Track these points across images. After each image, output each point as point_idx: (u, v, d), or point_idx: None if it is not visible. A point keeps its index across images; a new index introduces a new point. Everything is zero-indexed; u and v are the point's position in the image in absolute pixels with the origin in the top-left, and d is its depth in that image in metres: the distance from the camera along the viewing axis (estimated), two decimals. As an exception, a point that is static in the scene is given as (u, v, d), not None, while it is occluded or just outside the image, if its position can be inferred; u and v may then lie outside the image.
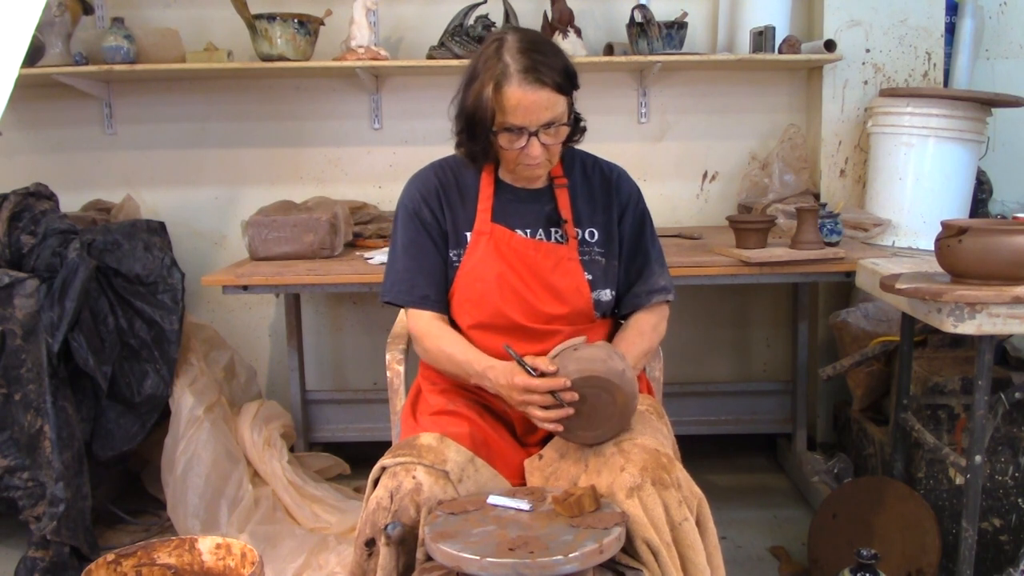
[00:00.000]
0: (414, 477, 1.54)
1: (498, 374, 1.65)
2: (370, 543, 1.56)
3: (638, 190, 1.89)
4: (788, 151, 3.21)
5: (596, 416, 1.59)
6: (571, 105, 1.72)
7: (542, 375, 1.57)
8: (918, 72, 3.16)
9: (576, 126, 1.78)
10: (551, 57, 1.67)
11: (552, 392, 1.56)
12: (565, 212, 1.80)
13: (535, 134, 1.67)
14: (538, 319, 1.75)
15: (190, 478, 2.67)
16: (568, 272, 1.76)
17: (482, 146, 1.72)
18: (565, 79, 1.68)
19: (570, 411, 1.57)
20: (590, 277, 1.78)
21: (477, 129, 1.69)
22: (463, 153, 1.79)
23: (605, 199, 1.84)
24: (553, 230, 1.80)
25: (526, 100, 1.63)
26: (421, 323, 1.79)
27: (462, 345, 1.75)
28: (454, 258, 1.79)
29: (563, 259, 1.77)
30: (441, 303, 1.79)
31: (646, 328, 1.84)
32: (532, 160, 1.70)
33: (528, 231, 1.79)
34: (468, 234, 1.79)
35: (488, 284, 1.74)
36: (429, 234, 1.79)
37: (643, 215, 1.88)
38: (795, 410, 3.26)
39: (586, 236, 1.82)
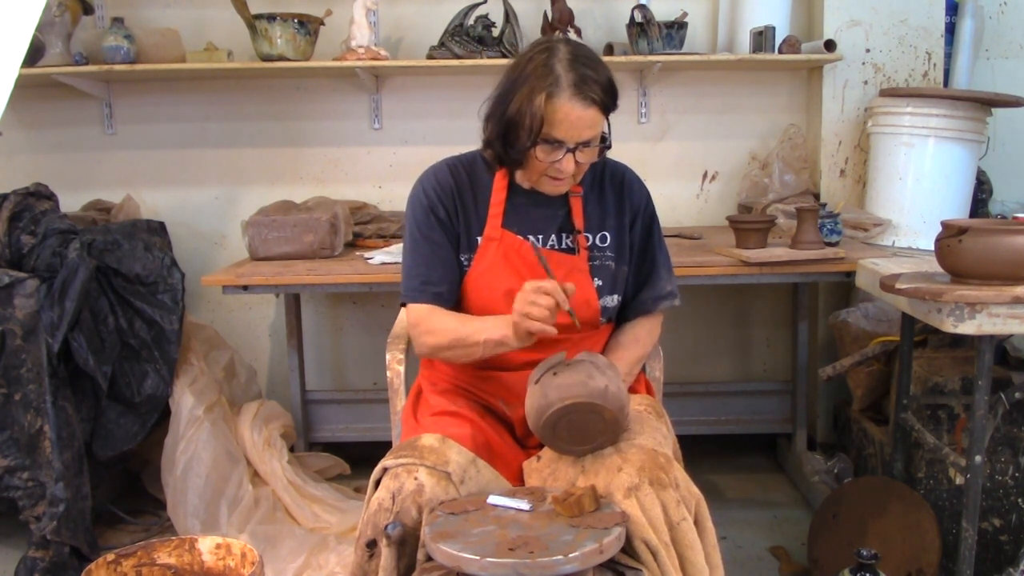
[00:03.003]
0: (416, 478, 1.54)
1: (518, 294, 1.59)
2: (371, 544, 1.56)
3: (648, 193, 1.88)
4: (788, 151, 3.21)
5: (587, 433, 1.57)
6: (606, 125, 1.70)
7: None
8: (918, 72, 3.16)
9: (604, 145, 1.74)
10: (599, 72, 1.64)
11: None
12: (578, 221, 1.78)
13: (572, 150, 1.65)
14: None
15: (190, 478, 2.67)
16: (578, 283, 1.74)
17: (517, 154, 1.68)
18: (609, 98, 1.65)
19: (554, 331, 1.55)
20: (599, 283, 1.78)
21: (518, 137, 1.65)
22: (490, 156, 1.76)
23: (617, 203, 1.83)
24: (564, 235, 1.79)
25: (573, 115, 1.61)
26: (420, 312, 1.74)
27: (463, 317, 1.73)
28: (465, 262, 1.77)
29: (574, 270, 1.76)
30: (452, 302, 1.77)
31: (641, 334, 1.84)
32: (561, 175, 1.68)
33: (539, 237, 1.78)
34: (479, 238, 1.77)
35: (495, 293, 1.73)
36: (444, 232, 1.77)
37: (652, 219, 1.87)
38: (795, 410, 3.26)
39: (597, 241, 1.80)
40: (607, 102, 1.64)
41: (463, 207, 1.78)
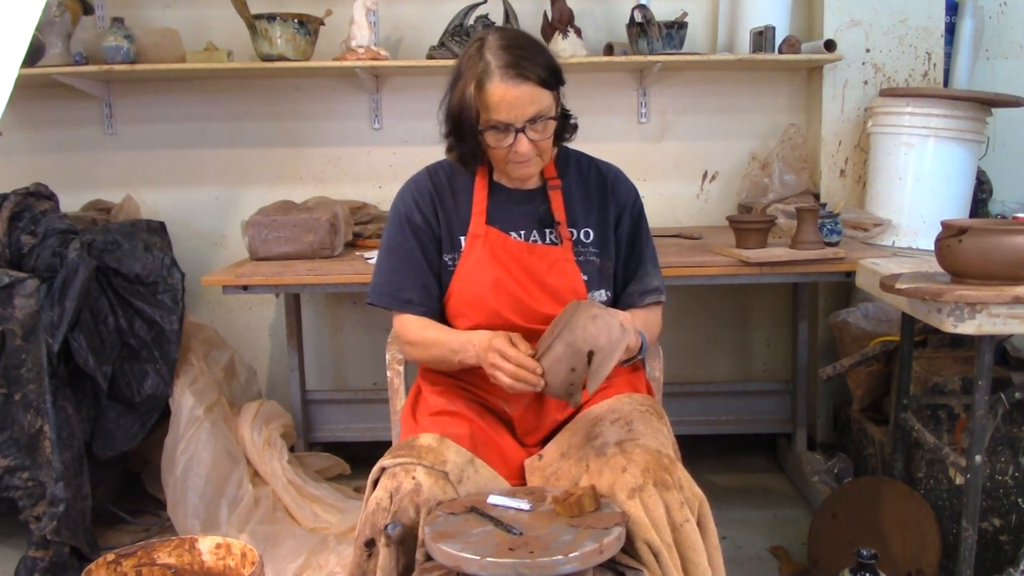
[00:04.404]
0: (414, 478, 1.54)
1: (480, 337, 1.66)
2: (370, 544, 1.56)
3: (635, 191, 1.89)
4: (788, 151, 3.21)
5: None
6: (558, 100, 1.72)
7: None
8: (918, 72, 3.16)
9: (565, 123, 1.77)
10: (533, 53, 1.67)
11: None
12: (559, 214, 1.80)
13: (521, 130, 1.66)
14: (534, 320, 1.75)
15: (190, 478, 2.67)
16: (564, 273, 1.76)
17: (471, 147, 1.72)
18: (549, 74, 1.67)
19: (532, 390, 1.57)
20: (585, 278, 1.78)
21: (464, 129, 1.69)
22: (454, 157, 1.79)
23: (601, 199, 1.84)
24: (547, 231, 1.80)
25: (508, 95, 1.63)
26: (403, 321, 1.80)
27: (443, 329, 1.77)
28: (449, 262, 1.79)
29: (558, 260, 1.77)
30: (425, 307, 1.79)
31: (639, 314, 1.83)
32: (521, 158, 1.70)
33: (522, 233, 1.79)
34: (463, 238, 1.79)
35: (484, 287, 1.74)
36: (418, 239, 1.79)
37: (639, 216, 1.88)
38: (795, 410, 3.26)
39: (581, 236, 1.81)
40: (543, 76, 1.66)
41: (443, 210, 1.80)
